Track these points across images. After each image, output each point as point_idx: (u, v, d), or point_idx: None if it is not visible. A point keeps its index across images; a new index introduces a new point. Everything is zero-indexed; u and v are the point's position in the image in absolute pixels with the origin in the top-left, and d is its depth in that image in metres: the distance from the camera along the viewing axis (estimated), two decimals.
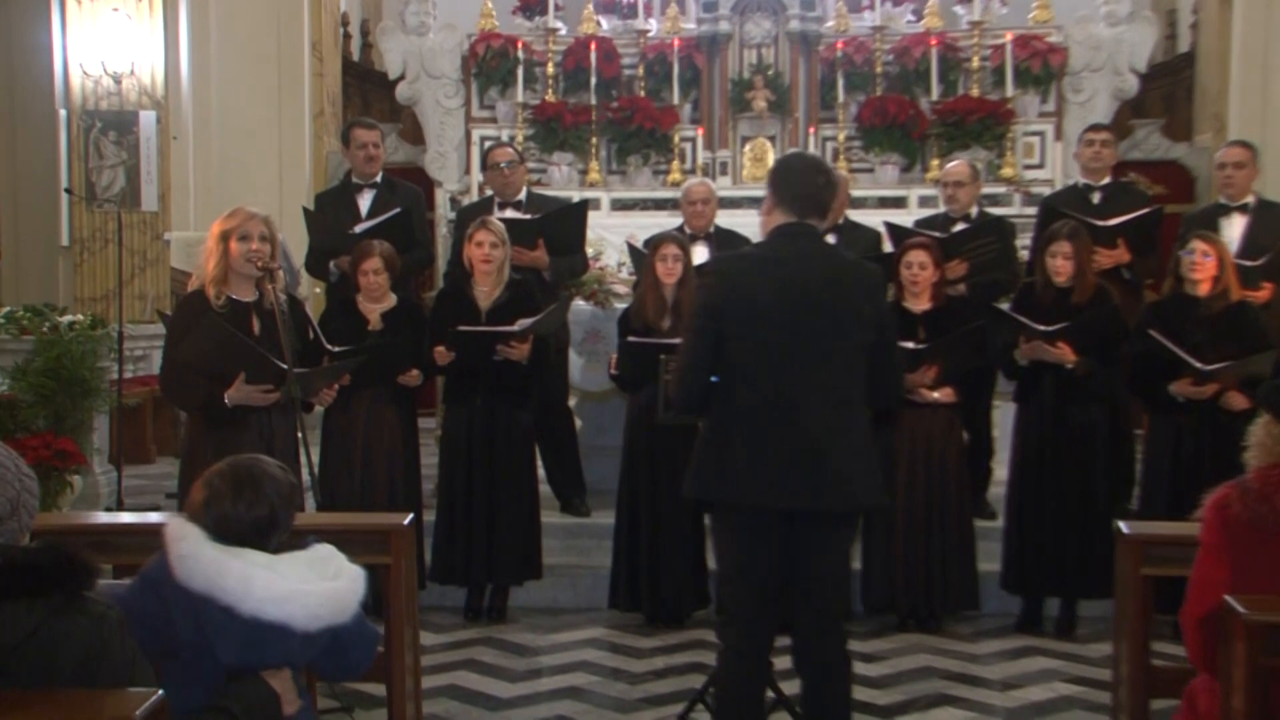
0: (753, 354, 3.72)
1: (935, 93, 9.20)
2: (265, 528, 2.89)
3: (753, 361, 3.72)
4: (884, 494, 3.93)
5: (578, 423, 7.08)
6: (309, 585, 2.83)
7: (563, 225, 6.62)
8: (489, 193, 7.22)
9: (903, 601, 5.82)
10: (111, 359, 7.63)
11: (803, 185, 3.82)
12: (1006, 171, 9.08)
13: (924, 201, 8.88)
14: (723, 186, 8.74)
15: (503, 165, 6.80)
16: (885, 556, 5.79)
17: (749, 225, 7.89)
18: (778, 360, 3.70)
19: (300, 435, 4.75)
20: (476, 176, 9.08)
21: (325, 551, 2.97)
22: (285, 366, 4.66)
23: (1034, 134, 9.27)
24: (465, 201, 8.71)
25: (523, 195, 6.90)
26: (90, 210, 10.17)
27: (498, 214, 6.62)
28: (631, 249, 6.98)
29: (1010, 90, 9.08)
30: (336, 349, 5.56)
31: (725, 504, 3.79)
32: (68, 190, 9.90)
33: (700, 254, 6.64)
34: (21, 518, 2.49)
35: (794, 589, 3.81)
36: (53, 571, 2.39)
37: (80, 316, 7.79)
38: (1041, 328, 5.64)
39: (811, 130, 9.28)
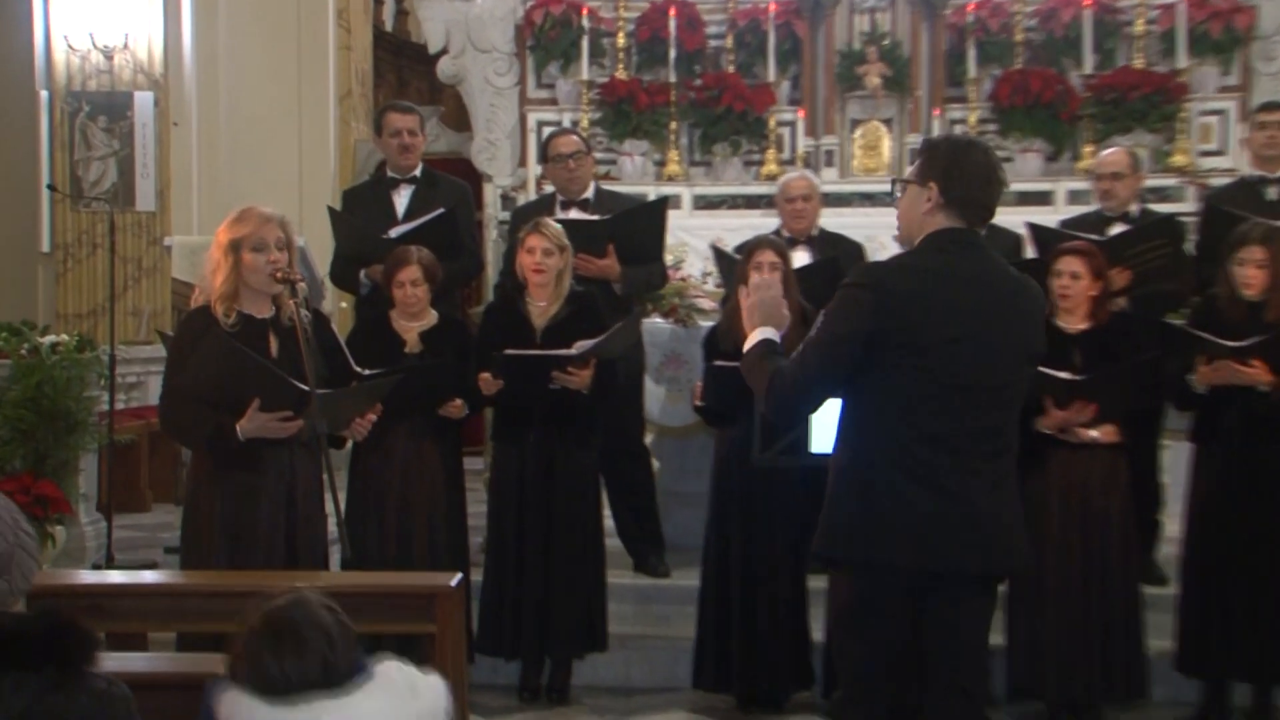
0: (910, 386, 3.71)
1: (1089, 64, 9.12)
2: (319, 683, 2.83)
3: (910, 395, 3.72)
4: (1031, 553, 3.97)
5: (654, 464, 7.09)
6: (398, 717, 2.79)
7: (637, 227, 6.65)
8: (549, 189, 7.27)
9: (1054, 686, 5.74)
10: (101, 387, 7.75)
11: (980, 187, 3.81)
12: (1178, 160, 8.97)
13: (1074, 197, 8.79)
14: (828, 180, 8.73)
15: (566, 156, 6.85)
16: (1032, 631, 5.72)
17: (859, 226, 7.90)
18: (941, 396, 3.71)
19: (326, 477, 4.78)
20: (534, 169, 9.14)
21: (393, 671, 2.86)
22: (306, 389, 4.71)
23: (1212, 113, 9.15)
24: (520, 200, 8.77)
25: (590, 192, 6.94)
26: (76, 210, 10.35)
27: (560, 214, 6.66)
28: (719, 254, 6.98)
29: (1183, 60, 8.98)
30: (367, 372, 5.61)
31: (863, 563, 3.77)
32: (50, 186, 10.09)
33: (801, 261, 6.63)
34: (14, 578, 2.51)
35: (928, 665, 3.80)
36: (47, 641, 2.40)
37: (64, 336, 7.86)
38: (1230, 344, 5.55)
39: (936, 112, 9.24)
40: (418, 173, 6.93)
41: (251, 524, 4.82)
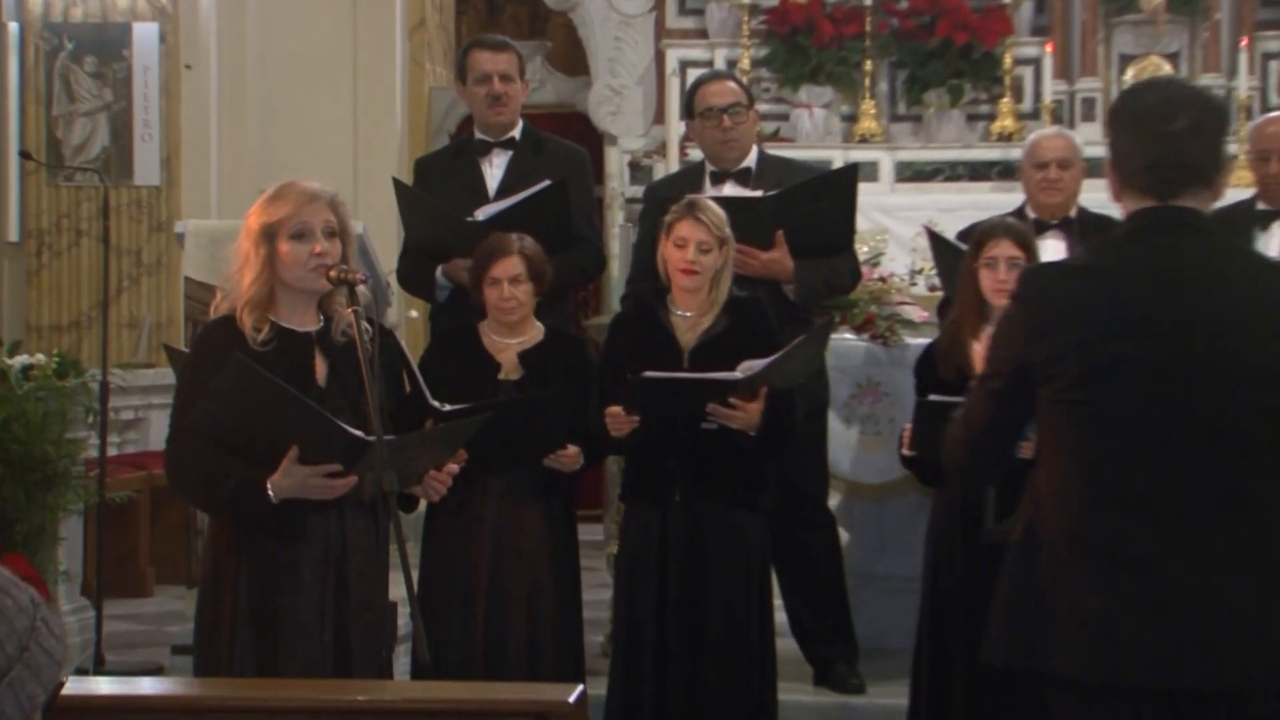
0: (1098, 431, 3.71)
1: None
2: None
3: (1099, 444, 3.70)
4: None
5: (843, 536, 7.06)
6: None
7: (817, 207, 6.61)
8: (695, 155, 7.26)
9: None
10: (89, 426, 7.86)
11: (1155, 140, 3.77)
12: None
13: None
14: (1090, 140, 8.64)
15: (719, 110, 6.84)
16: None
17: None
18: (1144, 442, 3.68)
19: (396, 548, 4.78)
20: (675, 127, 9.15)
21: None
22: (363, 436, 4.72)
23: None
24: (658, 170, 8.78)
25: (751, 159, 6.93)
26: (54, 184, 10.53)
27: (710, 190, 6.65)
28: (936, 242, 6.92)
29: None
30: (447, 408, 5.64)
31: (1061, 679, 3.76)
32: (22, 153, 10.25)
33: (1053, 252, 6.56)
34: (18, 689, 2.55)
35: None
36: None
37: (39, 356, 7.94)
38: None
39: (1244, 42, 9.11)
40: (516, 133, 6.97)
41: (289, 615, 4.85)
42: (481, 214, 6.54)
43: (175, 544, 9.80)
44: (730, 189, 6.76)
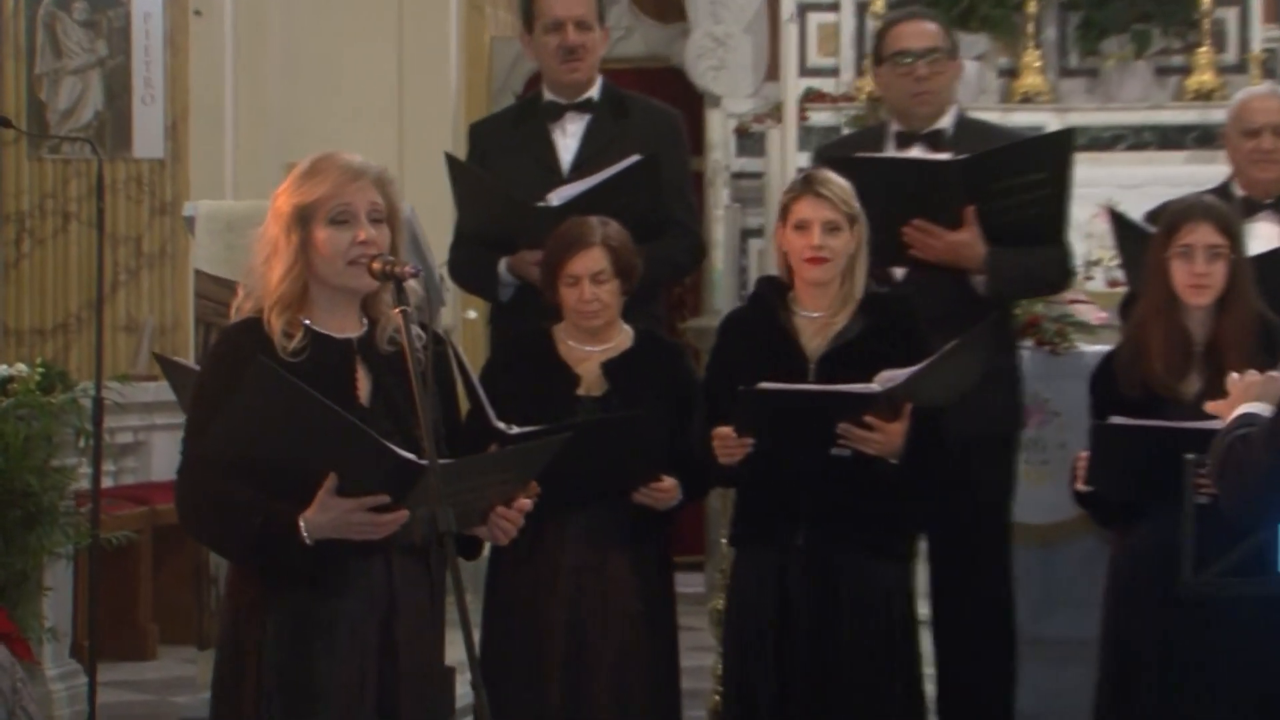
0: None
1: None
2: None
3: None
4: None
5: None
6: None
7: (1020, 181, 6.50)
8: (815, 119, 7.23)
9: None
10: (80, 451, 7.92)
11: None
12: None
13: None
14: None
15: (916, 55, 6.78)
16: None
17: None
18: None
19: (454, 602, 4.80)
20: (793, 86, 9.11)
21: None
22: (415, 459, 4.73)
23: None
24: (771, 139, 8.74)
25: (948, 120, 6.89)
26: (38, 157, 10.60)
27: (890, 152, 6.66)
28: (1120, 224, 6.87)
29: None
30: (515, 430, 5.65)
31: None
32: (0, 120, 10.35)
33: (1265, 238, 6.53)
34: None
35: None
36: None
37: (20, 368, 8.02)
38: None
39: None
40: (594, 93, 7.00)
41: (325, 682, 4.85)
42: (556, 198, 6.53)
43: (183, 596, 9.82)
44: (920, 151, 6.73)
